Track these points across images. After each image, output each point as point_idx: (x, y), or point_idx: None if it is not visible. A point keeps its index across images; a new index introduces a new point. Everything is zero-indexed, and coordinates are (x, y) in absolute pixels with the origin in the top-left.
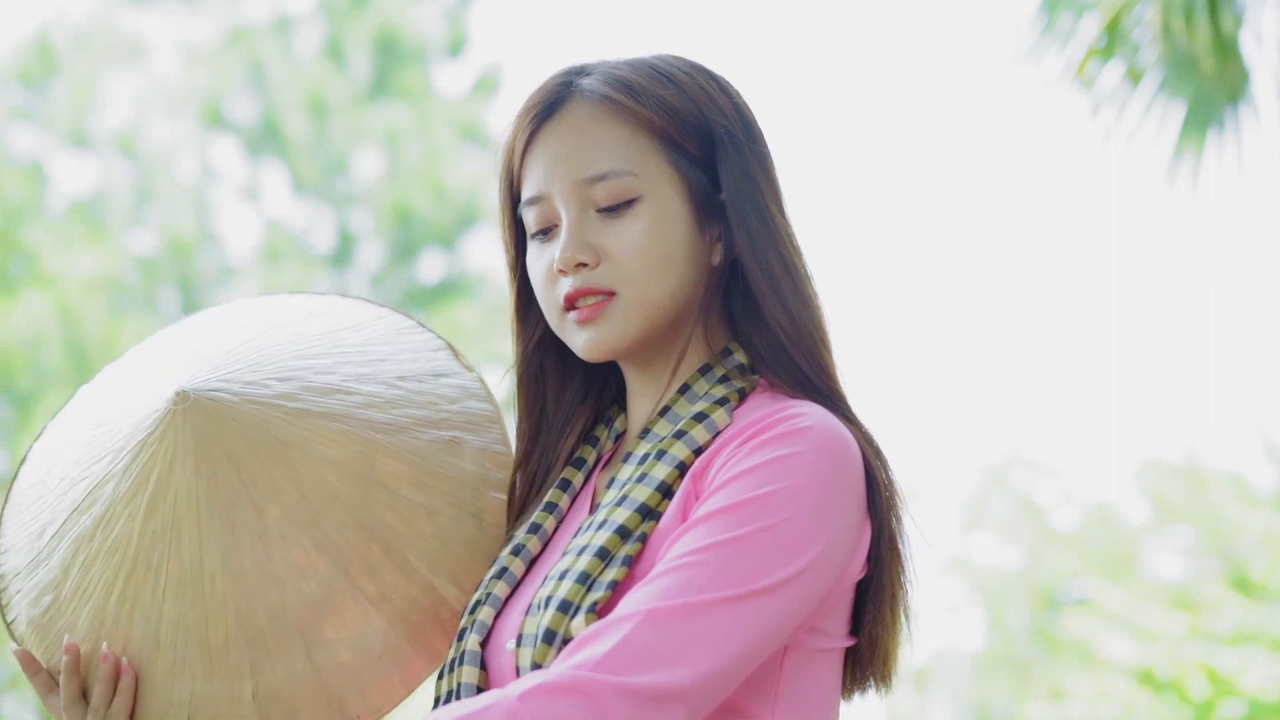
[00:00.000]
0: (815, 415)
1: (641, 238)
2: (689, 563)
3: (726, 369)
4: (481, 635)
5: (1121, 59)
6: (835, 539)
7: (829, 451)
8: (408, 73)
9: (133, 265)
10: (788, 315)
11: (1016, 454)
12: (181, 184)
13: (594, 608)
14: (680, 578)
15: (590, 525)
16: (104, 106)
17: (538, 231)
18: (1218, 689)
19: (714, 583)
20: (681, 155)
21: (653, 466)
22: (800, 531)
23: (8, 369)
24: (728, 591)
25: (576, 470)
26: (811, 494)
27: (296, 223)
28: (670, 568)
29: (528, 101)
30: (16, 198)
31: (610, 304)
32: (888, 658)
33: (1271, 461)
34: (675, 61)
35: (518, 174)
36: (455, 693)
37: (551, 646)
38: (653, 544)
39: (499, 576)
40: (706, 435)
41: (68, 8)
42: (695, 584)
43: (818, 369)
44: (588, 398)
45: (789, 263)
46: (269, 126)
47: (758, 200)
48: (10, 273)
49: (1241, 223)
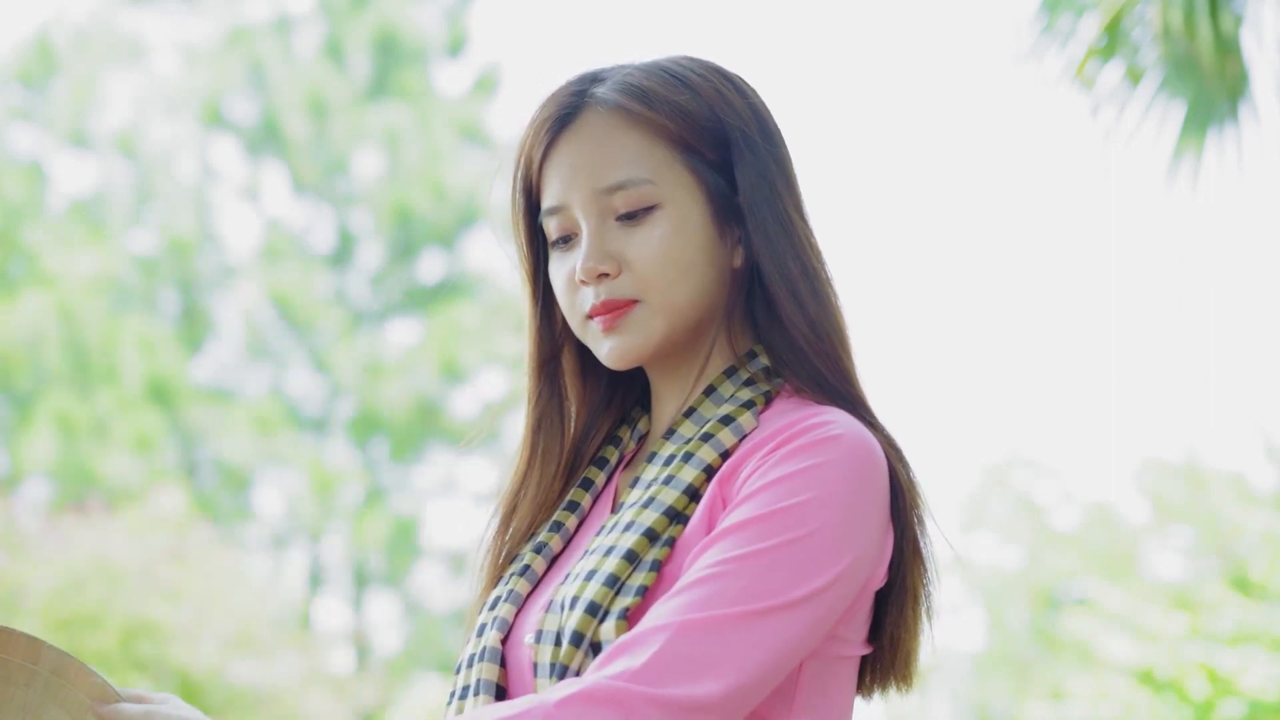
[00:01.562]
0: (843, 423)
1: (662, 244)
2: (720, 573)
3: (751, 372)
4: (503, 632)
5: (1121, 59)
6: (863, 549)
7: (857, 460)
8: (408, 72)
9: (133, 265)
10: (806, 318)
11: (1016, 454)
12: (181, 184)
13: (625, 614)
14: (712, 589)
15: (615, 525)
16: (104, 106)
17: (558, 239)
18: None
19: (746, 595)
20: (699, 160)
21: (680, 469)
22: (830, 543)
23: (8, 369)
24: (760, 604)
25: (599, 470)
26: (841, 504)
27: (296, 222)
28: (701, 578)
29: (542, 111)
30: (16, 198)
31: (633, 311)
32: (909, 658)
33: (1271, 461)
34: (689, 64)
35: (536, 184)
36: (474, 688)
37: (579, 649)
38: (680, 549)
39: (521, 574)
40: (733, 439)
41: (68, 8)
42: (727, 595)
43: (838, 372)
44: (613, 401)
45: (807, 266)
46: (269, 126)
47: (775, 203)
48: (10, 273)
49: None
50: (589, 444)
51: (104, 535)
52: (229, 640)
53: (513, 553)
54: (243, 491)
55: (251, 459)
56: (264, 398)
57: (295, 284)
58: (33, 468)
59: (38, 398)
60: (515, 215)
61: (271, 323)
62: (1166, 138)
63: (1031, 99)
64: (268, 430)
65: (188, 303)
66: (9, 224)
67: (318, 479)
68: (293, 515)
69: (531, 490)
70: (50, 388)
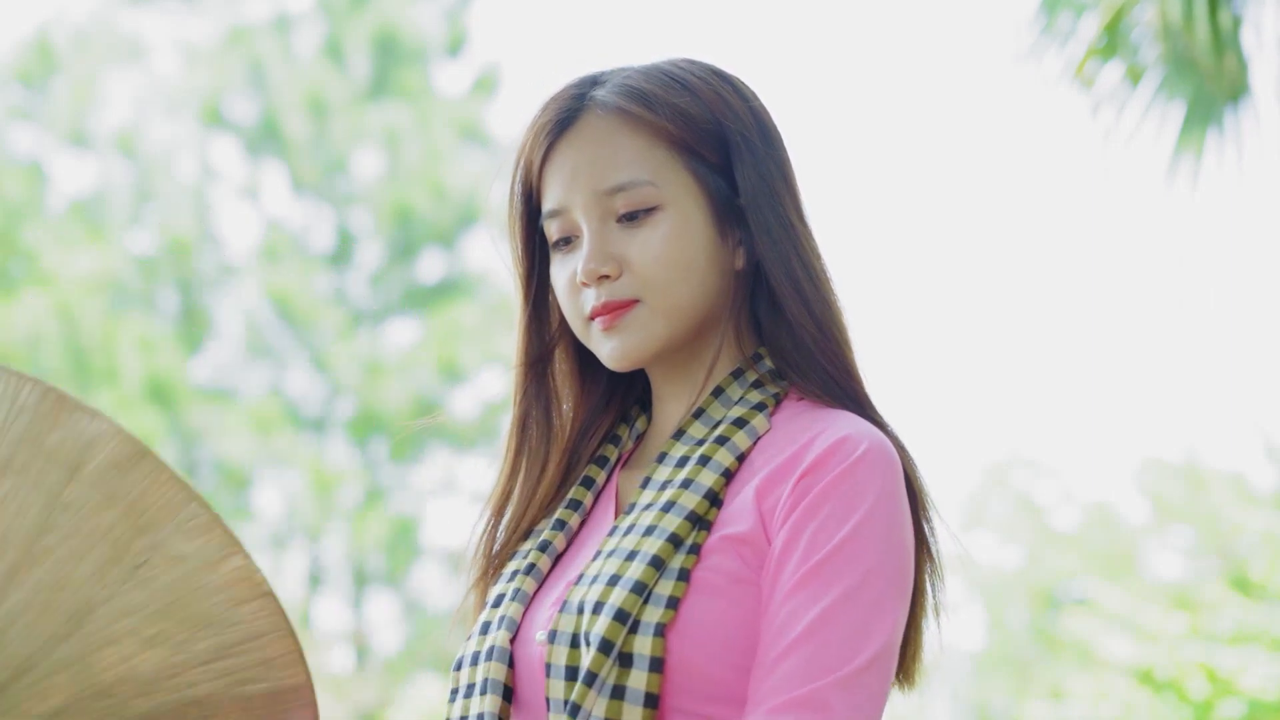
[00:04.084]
0: (863, 436)
1: (663, 246)
2: (818, 633)
3: (759, 374)
4: (511, 631)
5: (1121, 59)
6: (909, 558)
7: (891, 476)
8: (407, 72)
9: (132, 265)
10: (812, 319)
11: (1016, 454)
12: (181, 184)
13: (661, 630)
14: (823, 652)
15: (631, 528)
16: (104, 106)
17: (559, 241)
18: (1217, 689)
19: (848, 653)
20: (699, 162)
21: (698, 472)
22: (894, 568)
23: None
24: (870, 650)
25: (599, 469)
26: (886, 526)
27: (296, 222)
28: (799, 638)
29: (542, 115)
30: (16, 197)
31: (633, 311)
32: (915, 656)
33: (1271, 461)
34: (689, 66)
35: (537, 187)
36: (480, 687)
37: (608, 656)
38: (707, 554)
39: (527, 572)
40: (748, 441)
41: (68, 8)
42: (843, 654)
43: (843, 372)
44: (611, 401)
45: (810, 266)
46: (269, 126)
47: (776, 205)
48: (10, 273)
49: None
50: (588, 443)
51: None
52: None
53: (510, 550)
54: (242, 491)
55: (251, 459)
56: (263, 397)
57: (295, 284)
58: None
59: None
60: (513, 218)
61: (271, 322)
62: (1166, 137)
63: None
64: (267, 430)
65: (187, 303)
66: (8, 224)
67: (317, 479)
68: (292, 515)
69: (520, 488)
70: None
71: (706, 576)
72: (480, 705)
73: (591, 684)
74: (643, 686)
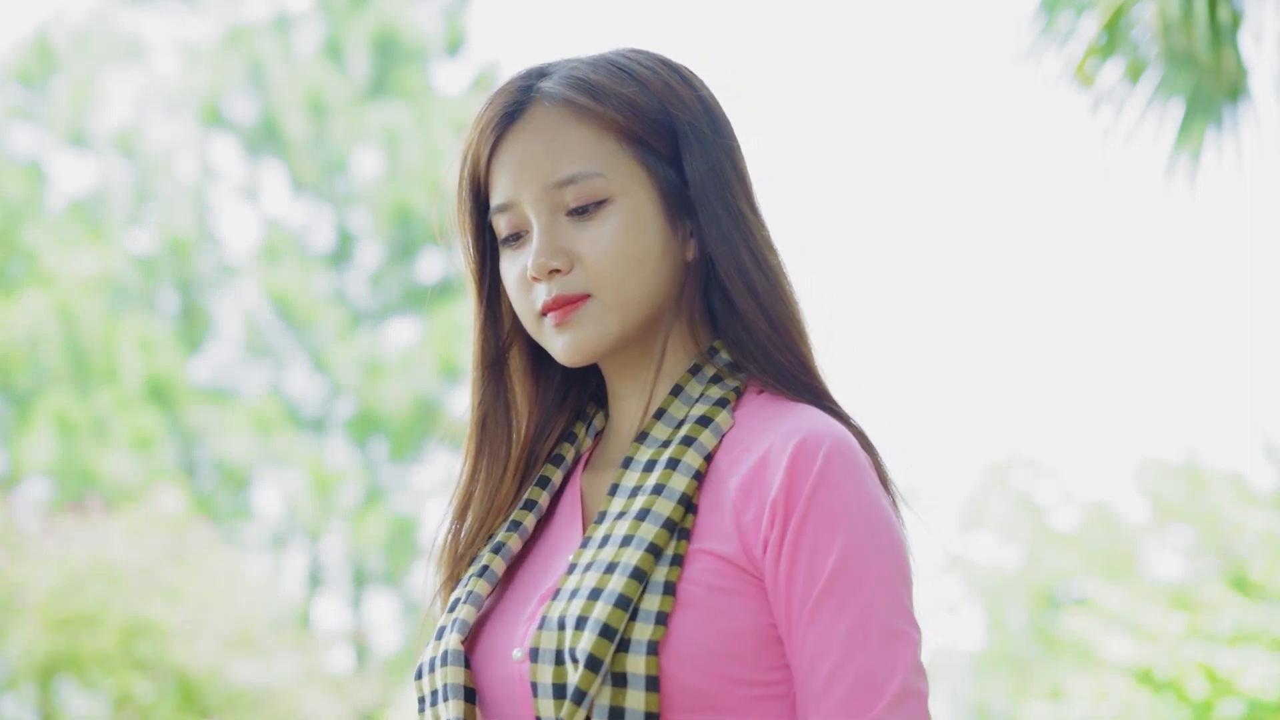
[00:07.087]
0: (822, 435)
1: (613, 239)
2: (852, 659)
3: (717, 368)
4: (464, 634)
5: (1121, 58)
6: (899, 538)
7: (855, 469)
8: (407, 72)
9: (132, 265)
10: (762, 310)
11: (1016, 454)
12: (181, 183)
13: (654, 648)
14: (861, 680)
15: (607, 539)
16: (104, 106)
17: (509, 236)
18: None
19: (888, 666)
20: (649, 152)
21: (668, 477)
22: (890, 559)
23: (7, 368)
24: (903, 660)
25: (555, 468)
26: (868, 521)
27: (296, 222)
28: (833, 671)
29: (489, 108)
30: (16, 197)
31: (585, 306)
32: None
33: (1271, 461)
34: (636, 56)
35: (484, 181)
36: (442, 693)
37: (596, 674)
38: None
39: (480, 575)
40: (714, 439)
41: (68, 7)
42: (880, 675)
43: (798, 364)
44: (567, 398)
45: (759, 256)
46: (268, 126)
47: (725, 195)
48: (10, 272)
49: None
50: (544, 443)
51: (103, 535)
52: (228, 640)
53: (470, 554)
54: (242, 491)
55: (251, 459)
56: (263, 397)
57: (294, 283)
58: (32, 467)
59: (37, 397)
60: (462, 214)
61: (271, 322)
62: (1165, 136)
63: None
64: (267, 430)
65: (187, 302)
66: (8, 224)
67: (317, 479)
68: (292, 515)
69: (480, 491)
70: (49, 387)
71: (691, 590)
72: (447, 712)
73: (580, 702)
74: (641, 707)
